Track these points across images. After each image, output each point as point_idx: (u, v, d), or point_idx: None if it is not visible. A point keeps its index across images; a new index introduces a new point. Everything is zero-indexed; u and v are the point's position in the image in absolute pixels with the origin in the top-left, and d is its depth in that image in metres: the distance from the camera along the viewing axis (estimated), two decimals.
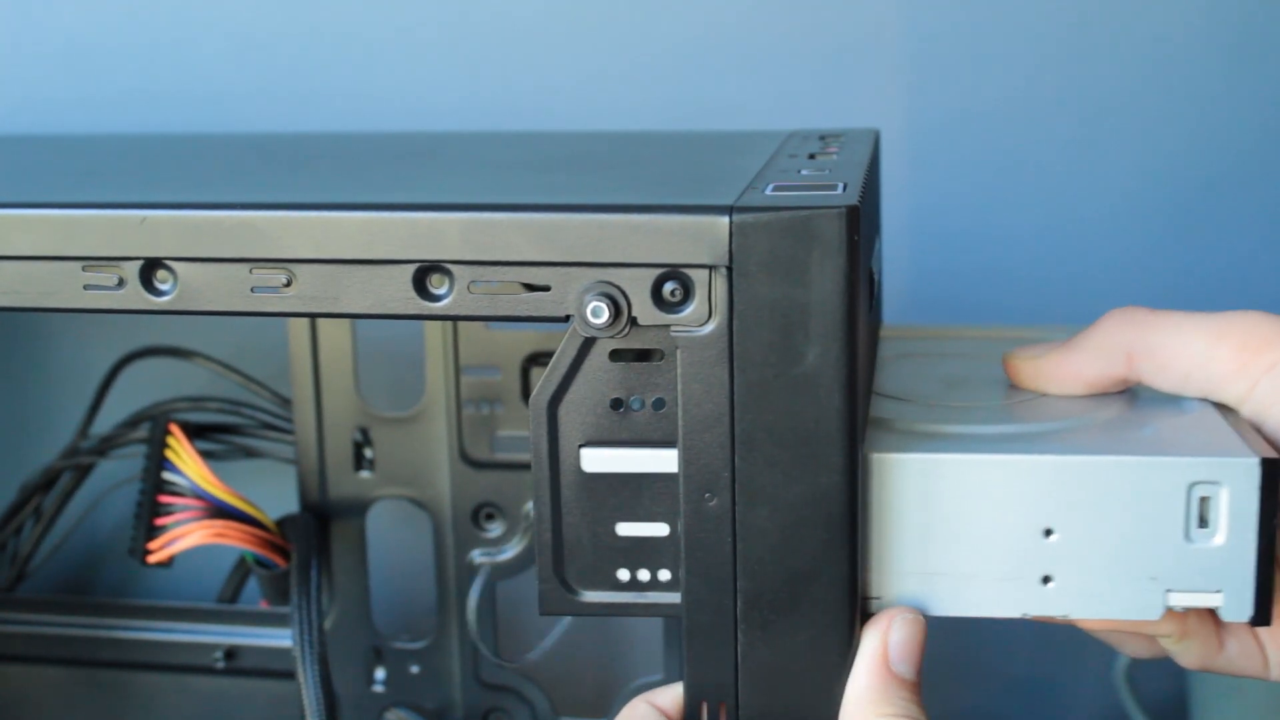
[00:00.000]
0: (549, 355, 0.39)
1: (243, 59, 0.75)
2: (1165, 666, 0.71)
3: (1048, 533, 0.40)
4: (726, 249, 0.37)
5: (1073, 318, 0.74)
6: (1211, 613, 0.41)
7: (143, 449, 0.65)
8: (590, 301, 0.38)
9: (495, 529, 0.64)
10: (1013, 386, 0.47)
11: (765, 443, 0.38)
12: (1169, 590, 0.40)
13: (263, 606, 0.66)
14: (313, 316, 0.43)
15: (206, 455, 0.63)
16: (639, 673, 0.69)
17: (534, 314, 0.39)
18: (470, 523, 0.64)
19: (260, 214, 0.39)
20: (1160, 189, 0.72)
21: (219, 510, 0.60)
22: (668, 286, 0.38)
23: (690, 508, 0.39)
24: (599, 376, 0.39)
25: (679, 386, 0.38)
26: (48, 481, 0.71)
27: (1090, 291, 0.74)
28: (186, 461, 0.61)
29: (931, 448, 0.41)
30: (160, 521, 0.61)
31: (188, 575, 0.73)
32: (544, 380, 0.39)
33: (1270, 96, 0.71)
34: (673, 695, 0.41)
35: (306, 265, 0.39)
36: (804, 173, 0.42)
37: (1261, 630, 0.43)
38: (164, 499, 0.61)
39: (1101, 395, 0.45)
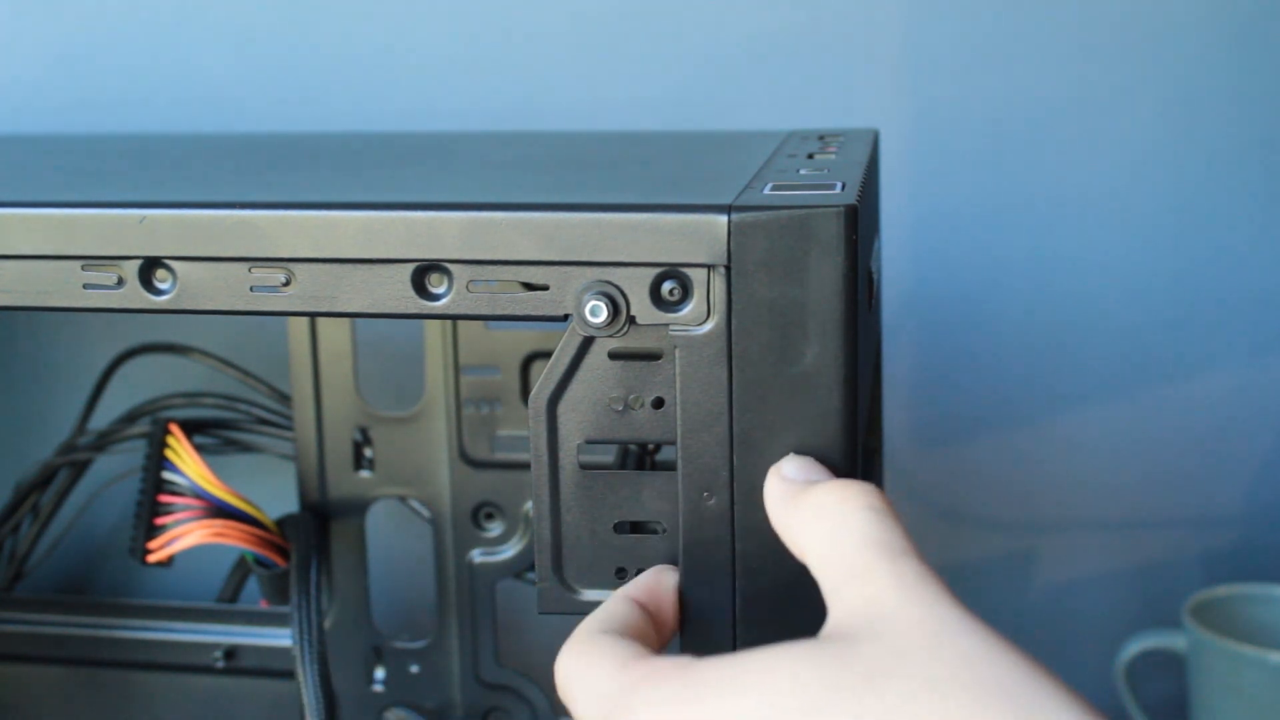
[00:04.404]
0: (548, 354, 0.39)
1: (242, 59, 0.75)
2: (1165, 666, 0.72)
3: None
4: (725, 248, 0.37)
5: (1072, 316, 0.74)
6: None
7: (140, 445, 0.65)
8: (589, 301, 0.38)
9: (495, 528, 0.64)
10: None
11: (764, 442, 0.38)
12: None
13: (263, 606, 0.66)
14: (312, 316, 0.43)
15: (203, 450, 0.63)
16: None
17: (533, 313, 0.39)
18: (470, 522, 0.64)
19: (259, 213, 0.39)
20: (1160, 188, 0.72)
21: (219, 510, 0.60)
22: (666, 286, 0.38)
23: (689, 507, 0.39)
24: (598, 375, 0.39)
25: (677, 386, 0.38)
26: (45, 479, 0.71)
27: (1090, 290, 0.74)
28: (186, 461, 0.61)
29: None
30: (160, 521, 0.61)
31: (188, 575, 0.73)
32: (543, 379, 0.39)
33: (1270, 94, 0.71)
34: (647, 585, 0.39)
35: (305, 264, 0.39)
36: (802, 172, 0.42)
37: None
38: (164, 499, 0.61)
39: None
